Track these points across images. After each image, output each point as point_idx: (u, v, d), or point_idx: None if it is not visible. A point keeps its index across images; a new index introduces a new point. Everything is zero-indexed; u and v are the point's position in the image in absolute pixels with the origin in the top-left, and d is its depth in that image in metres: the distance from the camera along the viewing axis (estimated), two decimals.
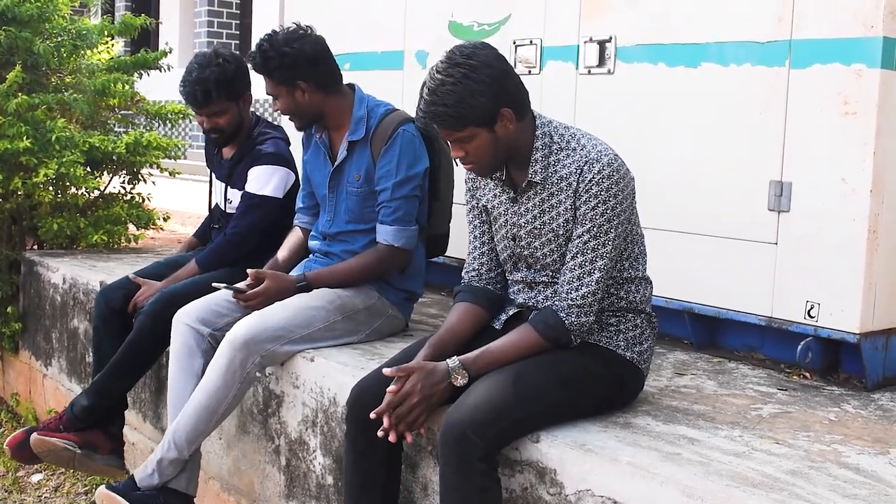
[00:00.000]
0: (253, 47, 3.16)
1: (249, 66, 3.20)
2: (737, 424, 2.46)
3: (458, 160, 2.42)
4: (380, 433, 2.34)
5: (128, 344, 3.43)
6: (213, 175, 3.89)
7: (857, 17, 2.78)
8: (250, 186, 3.61)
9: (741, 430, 2.42)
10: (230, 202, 3.75)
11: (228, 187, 3.75)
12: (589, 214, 2.35)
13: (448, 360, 2.37)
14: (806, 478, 2.08)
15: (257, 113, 3.89)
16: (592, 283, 2.36)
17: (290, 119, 3.24)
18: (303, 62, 3.10)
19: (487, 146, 2.35)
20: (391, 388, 2.35)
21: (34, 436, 3.41)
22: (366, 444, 2.46)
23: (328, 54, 3.19)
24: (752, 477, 2.06)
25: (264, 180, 3.60)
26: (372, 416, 2.35)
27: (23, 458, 3.51)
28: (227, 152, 3.78)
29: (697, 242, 3.22)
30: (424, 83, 2.32)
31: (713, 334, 3.38)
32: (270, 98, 3.20)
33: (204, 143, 3.98)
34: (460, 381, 2.34)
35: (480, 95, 2.27)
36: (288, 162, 3.67)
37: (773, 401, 2.73)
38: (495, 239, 2.60)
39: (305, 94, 3.14)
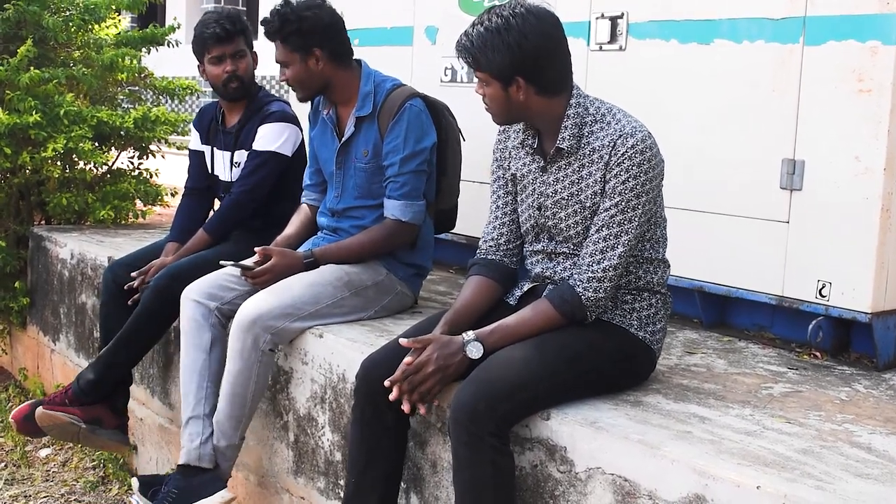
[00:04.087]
0: (267, 14, 3.14)
1: (261, 32, 3.17)
2: (747, 403, 2.46)
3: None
4: (391, 397, 2.34)
5: (134, 318, 3.44)
6: (213, 150, 3.83)
7: None
8: (259, 144, 3.60)
9: (752, 408, 2.41)
10: (237, 165, 3.71)
11: (235, 152, 3.71)
12: (619, 188, 2.34)
13: (463, 335, 2.37)
14: (817, 457, 2.07)
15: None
16: (615, 258, 2.35)
17: (295, 89, 3.22)
18: (321, 29, 3.10)
19: (499, 99, 2.42)
20: (407, 358, 2.36)
21: (39, 409, 3.42)
22: (373, 418, 2.47)
23: (343, 27, 3.20)
24: (763, 456, 2.05)
25: (274, 137, 3.60)
26: (386, 383, 2.35)
27: (28, 432, 3.52)
28: (231, 120, 3.75)
29: (708, 220, 3.20)
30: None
31: (723, 313, 3.36)
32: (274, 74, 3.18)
33: (197, 119, 3.91)
34: (475, 352, 2.34)
35: (498, 54, 2.33)
36: (297, 121, 3.68)
37: (784, 380, 2.72)
38: (520, 209, 2.59)
39: (319, 63, 3.13)
